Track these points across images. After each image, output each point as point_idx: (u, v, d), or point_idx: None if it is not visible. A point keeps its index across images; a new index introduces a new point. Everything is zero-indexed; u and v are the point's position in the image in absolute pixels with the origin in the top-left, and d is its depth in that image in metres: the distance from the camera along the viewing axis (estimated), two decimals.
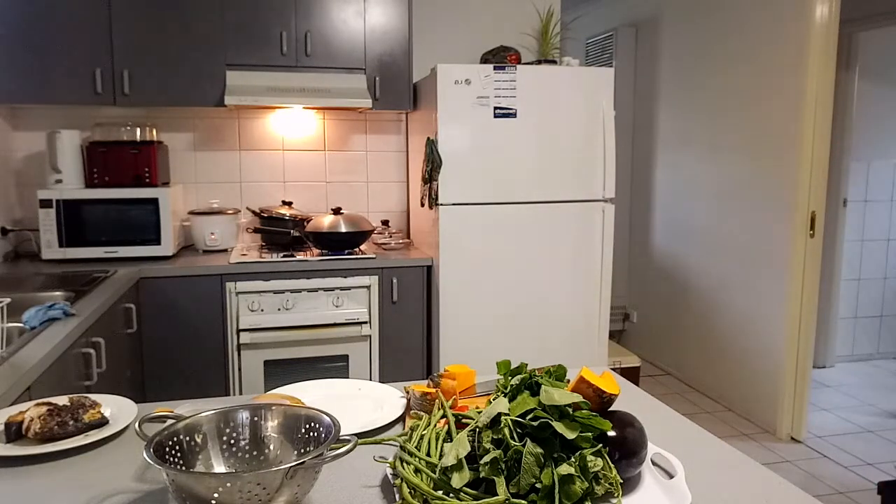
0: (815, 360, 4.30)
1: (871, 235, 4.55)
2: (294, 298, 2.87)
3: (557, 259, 3.03)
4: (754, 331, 3.57)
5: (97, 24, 2.80)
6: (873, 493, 2.87)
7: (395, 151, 3.56)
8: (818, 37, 3.13)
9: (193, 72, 2.92)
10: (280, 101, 2.92)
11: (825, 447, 3.31)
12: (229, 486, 0.83)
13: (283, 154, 3.41)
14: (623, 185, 4.78)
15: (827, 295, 4.37)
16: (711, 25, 3.85)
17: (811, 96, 3.17)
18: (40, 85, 2.77)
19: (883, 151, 4.49)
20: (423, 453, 1.01)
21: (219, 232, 3.08)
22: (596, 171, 3.02)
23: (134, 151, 2.89)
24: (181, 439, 0.98)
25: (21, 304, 2.09)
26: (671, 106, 4.27)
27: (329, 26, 3.02)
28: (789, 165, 3.30)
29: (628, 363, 3.68)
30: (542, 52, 3.55)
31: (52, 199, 2.75)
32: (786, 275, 3.33)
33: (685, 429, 1.26)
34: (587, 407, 1.01)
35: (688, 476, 1.05)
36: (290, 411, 1.04)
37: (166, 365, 2.79)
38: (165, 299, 2.75)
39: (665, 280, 4.39)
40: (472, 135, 2.87)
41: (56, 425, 1.15)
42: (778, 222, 3.38)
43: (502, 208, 2.94)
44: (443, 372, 1.34)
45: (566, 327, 3.08)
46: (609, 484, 0.94)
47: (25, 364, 1.50)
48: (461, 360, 2.98)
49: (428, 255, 3.04)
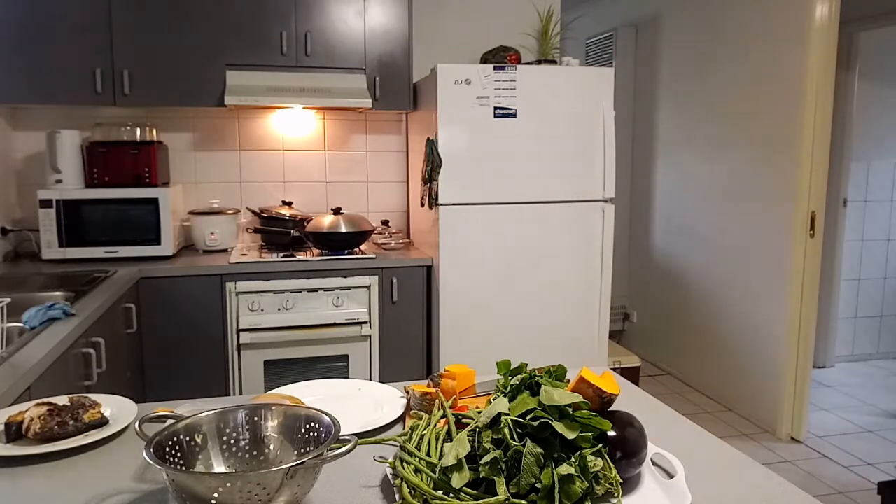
0: (815, 360, 4.30)
1: (871, 235, 4.55)
2: (294, 298, 2.87)
3: (557, 259, 3.03)
4: (754, 331, 3.57)
5: (97, 24, 2.80)
6: (873, 493, 2.87)
7: (395, 151, 3.56)
8: (818, 37, 3.13)
9: (193, 72, 2.92)
10: (280, 101, 2.92)
11: (825, 447, 3.31)
12: (229, 486, 0.83)
13: (283, 154, 3.41)
14: (623, 185, 4.78)
15: (827, 295, 4.37)
16: (711, 25, 3.85)
17: (811, 96, 3.17)
18: (40, 85, 2.77)
19: (883, 151, 4.49)
20: (423, 453, 1.01)
21: (219, 232, 3.08)
22: (596, 171, 3.02)
23: (134, 151, 2.89)
24: (181, 439, 0.98)
25: (21, 304, 2.09)
26: (671, 106, 4.27)
27: (329, 26, 3.03)
28: (789, 165, 3.30)
29: (628, 363, 3.68)
30: (542, 52, 3.55)
31: (52, 199, 2.75)
32: (786, 275, 3.33)
33: (685, 429, 1.26)
34: (587, 407, 1.01)
35: (688, 476, 1.05)
36: (290, 411, 1.04)
37: (166, 365, 2.79)
38: (165, 299, 2.75)
39: (665, 280, 4.39)
40: (472, 135, 2.87)
41: (56, 425, 1.15)
42: (778, 222, 3.38)
43: (502, 208, 2.94)
44: (443, 372, 1.34)
45: (566, 327, 3.08)
46: (609, 484, 0.94)
47: (25, 364, 1.50)
48: (461, 360, 2.98)
49: (428, 255, 3.04)
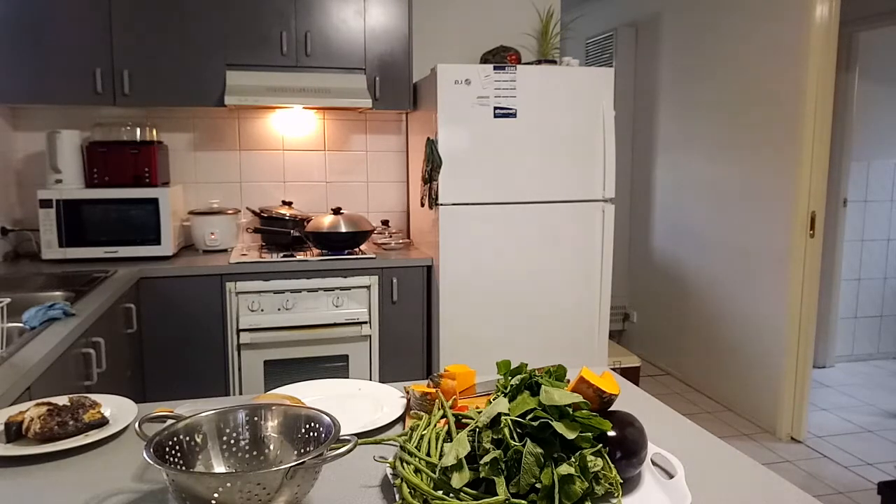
0: (815, 360, 4.30)
1: (871, 235, 4.55)
2: (294, 298, 2.87)
3: (557, 259, 3.03)
4: (754, 330, 3.57)
5: (97, 24, 2.80)
6: (873, 493, 2.87)
7: (395, 151, 3.56)
8: (818, 37, 3.13)
9: (193, 72, 2.92)
10: (280, 101, 2.92)
11: (825, 447, 3.31)
12: (229, 486, 0.83)
13: (283, 154, 3.41)
14: (623, 185, 4.78)
15: (827, 295, 4.37)
16: (711, 25, 3.85)
17: (811, 97, 3.17)
18: (40, 85, 2.77)
19: (883, 151, 4.49)
20: (423, 453, 1.01)
21: (219, 232, 3.08)
22: (596, 171, 3.02)
23: (134, 151, 2.89)
24: (181, 439, 0.97)
25: (21, 304, 2.09)
26: (671, 106, 4.27)
27: (329, 26, 3.02)
28: (789, 165, 3.30)
29: (628, 363, 3.68)
30: (542, 52, 3.55)
31: (52, 199, 2.75)
32: (786, 275, 3.33)
33: (685, 429, 1.26)
34: (587, 407, 1.00)
35: (688, 476, 1.05)
36: (290, 411, 1.04)
37: (166, 365, 2.79)
38: (165, 299, 2.75)
39: (665, 280, 4.39)
40: (472, 135, 2.87)
41: (56, 425, 1.15)
42: (778, 222, 3.38)
43: (502, 208, 2.94)
44: (443, 372, 1.34)
45: (566, 327, 3.08)
46: (609, 484, 0.94)
47: (25, 364, 1.50)
48: (461, 360, 2.98)
49: (428, 255, 3.04)
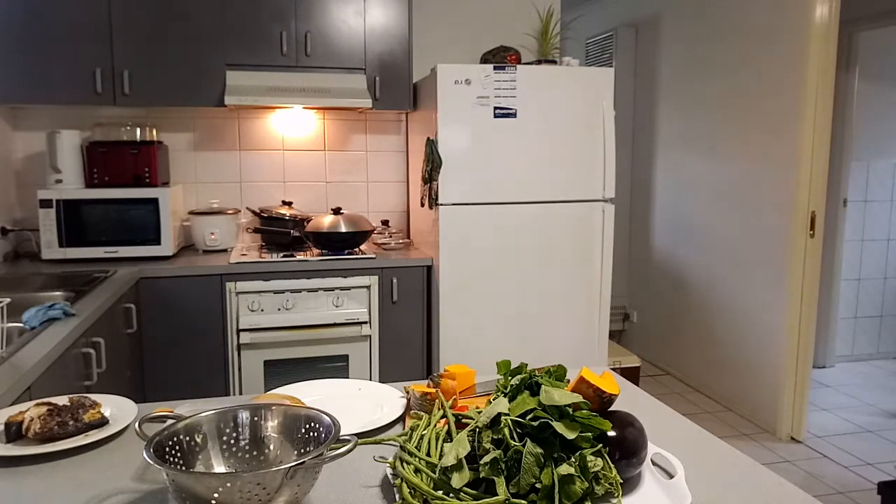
0: (815, 360, 4.30)
1: (871, 235, 4.55)
2: (294, 298, 2.87)
3: (557, 259, 3.03)
4: (754, 331, 3.57)
5: (97, 24, 2.80)
6: (873, 493, 2.87)
7: (395, 151, 3.56)
8: (818, 37, 3.13)
9: (193, 72, 2.92)
10: (280, 101, 2.92)
11: (825, 447, 3.31)
12: (229, 486, 0.83)
13: (283, 154, 3.41)
14: (623, 185, 4.78)
15: (827, 295, 4.37)
16: (711, 25, 3.85)
17: (811, 96, 3.17)
18: (40, 85, 2.77)
19: (883, 151, 4.49)
20: (423, 453, 1.01)
21: (219, 232, 3.08)
22: (596, 171, 3.02)
23: (134, 151, 2.89)
24: (181, 439, 0.98)
25: (21, 304, 2.09)
26: (671, 106, 4.27)
27: (329, 26, 3.02)
28: (789, 165, 3.30)
29: (628, 363, 3.68)
30: (542, 52, 3.55)
31: (52, 199, 2.75)
32: (786, 275, 3.33)
33: (685, 429, 1.26)
34: (587, 407, 1.00)
35: (688, 476, 1.05)
36: (290, 411, 1.04)
37: (166, 365, 2.79)
38: (165, 299, 2.75)
39: (665, 280, 4.39)
40: (472, 135, 2.87)
41: (56, 425, 1.15)
42: (778, 222, 3.38)
43: (502, 208, 2.94)
44: (443, 372, 1.34)
45: (566, 327, 3.08)
46: (609, 484, 0.94)
47: (25, 364, 1.50)
48: (461, 360, 2.98)
49: (428, 255, 3.04)
